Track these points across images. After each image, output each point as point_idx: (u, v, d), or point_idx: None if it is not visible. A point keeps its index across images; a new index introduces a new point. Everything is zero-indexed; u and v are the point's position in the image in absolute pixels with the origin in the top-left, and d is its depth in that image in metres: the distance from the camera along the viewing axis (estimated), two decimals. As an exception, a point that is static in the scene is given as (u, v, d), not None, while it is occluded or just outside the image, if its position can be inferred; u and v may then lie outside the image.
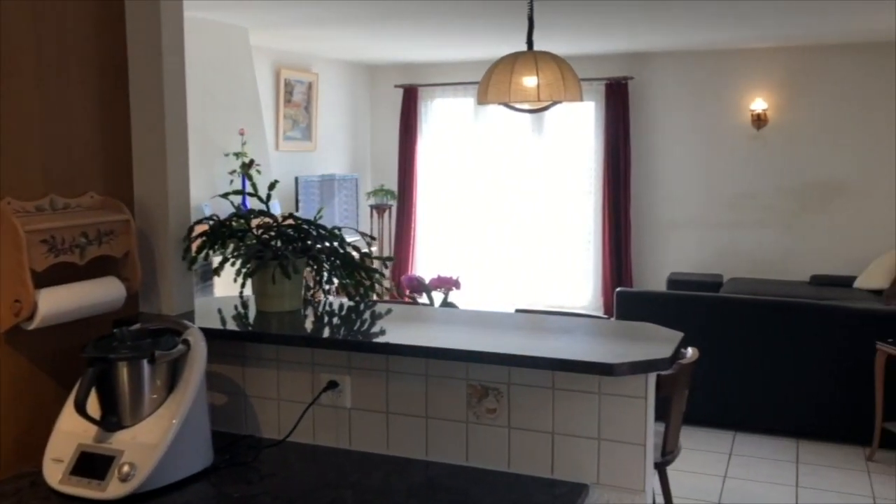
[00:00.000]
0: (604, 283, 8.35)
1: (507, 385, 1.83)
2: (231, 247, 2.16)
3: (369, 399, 1.95)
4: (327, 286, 2.21)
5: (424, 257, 9.15)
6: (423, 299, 3.94)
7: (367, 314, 2.15)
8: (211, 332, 1.93)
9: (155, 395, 1.72)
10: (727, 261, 8.06)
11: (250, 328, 2.10)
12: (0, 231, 1.69)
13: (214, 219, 2.17)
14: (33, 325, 1.74)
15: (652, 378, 1.75)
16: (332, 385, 1.96)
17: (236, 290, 2.19)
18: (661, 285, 7.98)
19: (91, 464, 1.65)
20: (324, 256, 2.16)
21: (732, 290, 6.95)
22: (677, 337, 1.85)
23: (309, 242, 2.14)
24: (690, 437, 4.65)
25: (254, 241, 2.13)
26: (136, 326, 1.85)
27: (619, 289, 5.49)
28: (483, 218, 8.86)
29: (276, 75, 7.59)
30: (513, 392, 1.83)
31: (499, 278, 8.80)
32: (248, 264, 2.08)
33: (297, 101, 7.91)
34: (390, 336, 1.94)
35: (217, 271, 2.15)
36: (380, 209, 8.79)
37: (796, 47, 7.65)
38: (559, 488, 1.74)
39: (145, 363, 1.70)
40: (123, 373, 1.69)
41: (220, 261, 2.16)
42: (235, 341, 2.06)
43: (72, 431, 1.70)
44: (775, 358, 4.90)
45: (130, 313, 2.07)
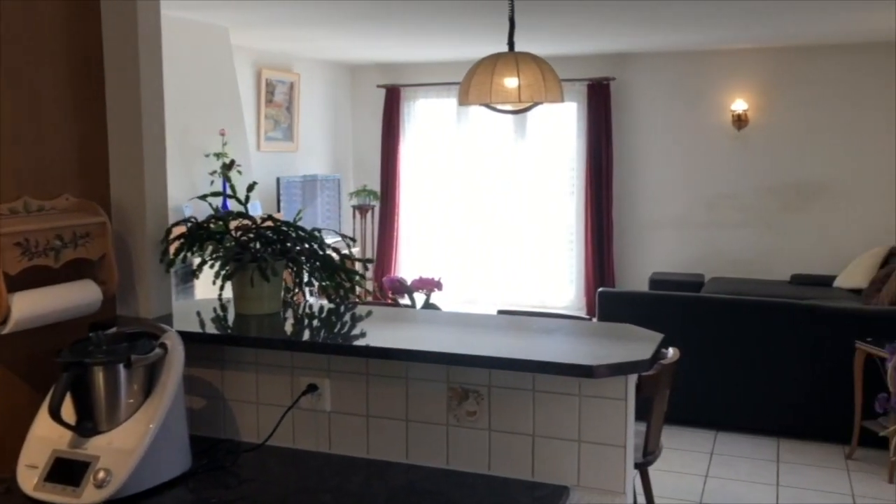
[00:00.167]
0: (586, 283, 8.37)
1: (488, 387, 1.82)
2: (209, 249, 2.14)
3: (349, 402, 1.94)
4: (308, 288, 2.20)
5: (407, 258, 9.13)
6: (406, 300, 3.92)
7: (347, 317, 2.14)
8: (189, 335, 1.91)
9: (131, 400, 1.70)
10: (708, 260, 8.11)
11: (229, 331, 2.08)
12: (-28, 234, 1.66)
13: (192, 221, 2.15)
14: (7, 330, 1.71)
15: (632, 380, 1.75)
16: (312, 388, 1.94)
17: (217, 292, 2.17)
18: (643, 285, 8.01)
19: (66, 470, 1.63)
20: (303, 258, 2.14)
21: (714, 290, 6.98)
22: (657, 338, 1.85)
23: (288, 244, 2.13)
24: (672, 436, 4.67)
25: (232, 244, 2.11)
26: (112, 330, 1.83)
27: (601, 289, 5.50)
28: (466, 218, 8.86)
29: (258, 75, 7.56)
30: (493, 394, 1.82)
31: (482, 279, 8.80)
32: (227, 267, 2.06)
33: (278, 101, 7.87)
34: (370, 339, 1.93)
35: (195, 273, 2.13)
36: (362, 210, 8.77)
37: (777, 48, 7.71)
38: (540, 491, 1.74)
39: (121, 367, 1.68)
40: (99, 378, 1.67)
41: (199, 263, 2.14)
42: (214, 344, 2.04)
43: (46, 437, 1.67)
44: (756, 357, 4.93)
45: (108, 316, 2.04)
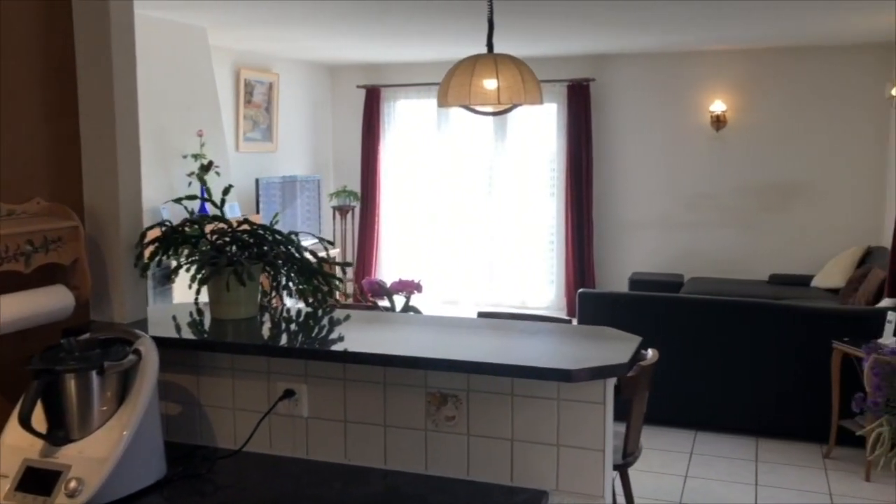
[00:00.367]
0: (567, 284, 8.39)
1: (467, 392, 1.81)
2: (185, 252, 2.12)
3: (327, 407, 1.92)
4: (285, 292, 2.18)
5: (388, 258, 9.11)
6: (386, 303, 3.90)
7: (324, 321, 2.12)
8: (164, 340, 1.89)
9: (104, 407, 1.67)
10: (688, 260, 8.15)
11: (205, 336, 2.06)
12: (-60, 239, 1.63)
13: (167, 224, 2.12)
14: (-24, 337, 1.68)
15: (611, 383, 1.74)
16: (289, 394, 1.92)
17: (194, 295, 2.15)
18: (623, 285, 8.04)
19: (37, 479, 1.60)
20: (280, 262, 2.12)
21: (693, 290, 7.02)
22: (636, 341, 1.85)
23: (265, 248, 2.11)
24: (651, 436, 4.69)
25: (208, 247, 2.09)
26: (85, 336, 1.80)
27: (580, 290, 5.51)
28: (447, 219, 8.85)
29: (236, 75, 7.50)
30: (472, 399, 1.81)
31: (463, 279, 8.80)
32: (203, 271, 2.04)
33: (257, 101, 7.82)
34: (348, 343, 1.92)
35: (170, 277, 2.11)
36: (342, 210, 8.73)
37: (754, 50, 7.76)
38: (519, 495, 1.73)
39: (94, 374, 1.65)
40: (71, 385, 1.64)
41: (174, 267, 2.11)
42: (190, 350, 2.01)
43: (17, 446, 1.64)
44: (735, 357, 4.95)
45: (81, 322, 2.01)
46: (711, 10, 5.63)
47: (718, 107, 7.91)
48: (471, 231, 8.77)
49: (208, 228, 2.13)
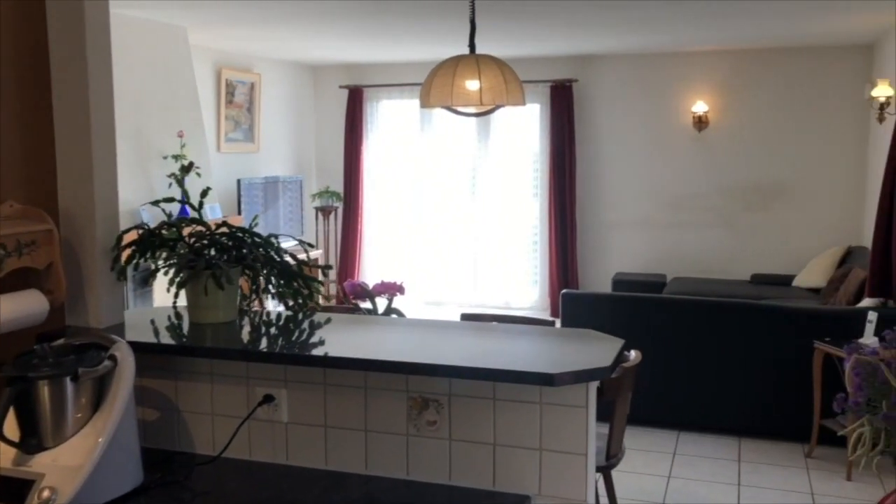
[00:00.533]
0: (550, 284, 8.39)
1: (448, 396, 1.79)
2: (163, 256, 2.09)
3: (307, 412, 1.90)
4: (265, 295, 2.15)
5: (371, 259, 9.08)
6: (368, 305, 3.88)
7: (305, 324, 2.10)
8: (141, 345, 1.86)
9: (79, 414, 1.64)
10: (671, 261, 8.18)
11: (183, 340, 2.03)
12: None
13: (144, 227, 2.09)
14: (-53, 343, 1.65)
15: (593, 387, 1.73)
16: (268, 399, 1.90)
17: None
18: (606, 285, 8.05)
19: (9, 489, 1.56)
20: (259, 265, 2.09)
21: (676, 290, 7.04)
22: (618, 344, 1.84)
23: (244, 251, 2.08)
24: (634, 437, 4.69)
25: (186, 251, 2.06)
26: (59, 342, 1.77)
27: (564, 291, 5.51)
28: (430, 219, 8.83)
29: (218, 75, 7.45)
30: (454, 403, 1.79)
31: (446, 280, 8.78)
32: (181, 274, 2.01)
33: (238, 101, 7.77)
34: (328, 347, 1.89)
35: (148, 280, 2.08)
36: (325, 211, 8.70)
37: (736, 50, 7.80)
38: (501, 500, 1.72)
39: (68, 381, 1.62)
40: (44, 392, 1.61)
41: (152, 271, 2.08)
42: (167, 355, 1.98)
43: (-11, 454, 1.61)
44: (717, 357, 4.97)
45: (56, 327, 1.98)
46: (693, 11, 5.65)
47: (700, 107, 7.94)
48: (454, 232, 8.76)
49: (186, 231, 2.10)
